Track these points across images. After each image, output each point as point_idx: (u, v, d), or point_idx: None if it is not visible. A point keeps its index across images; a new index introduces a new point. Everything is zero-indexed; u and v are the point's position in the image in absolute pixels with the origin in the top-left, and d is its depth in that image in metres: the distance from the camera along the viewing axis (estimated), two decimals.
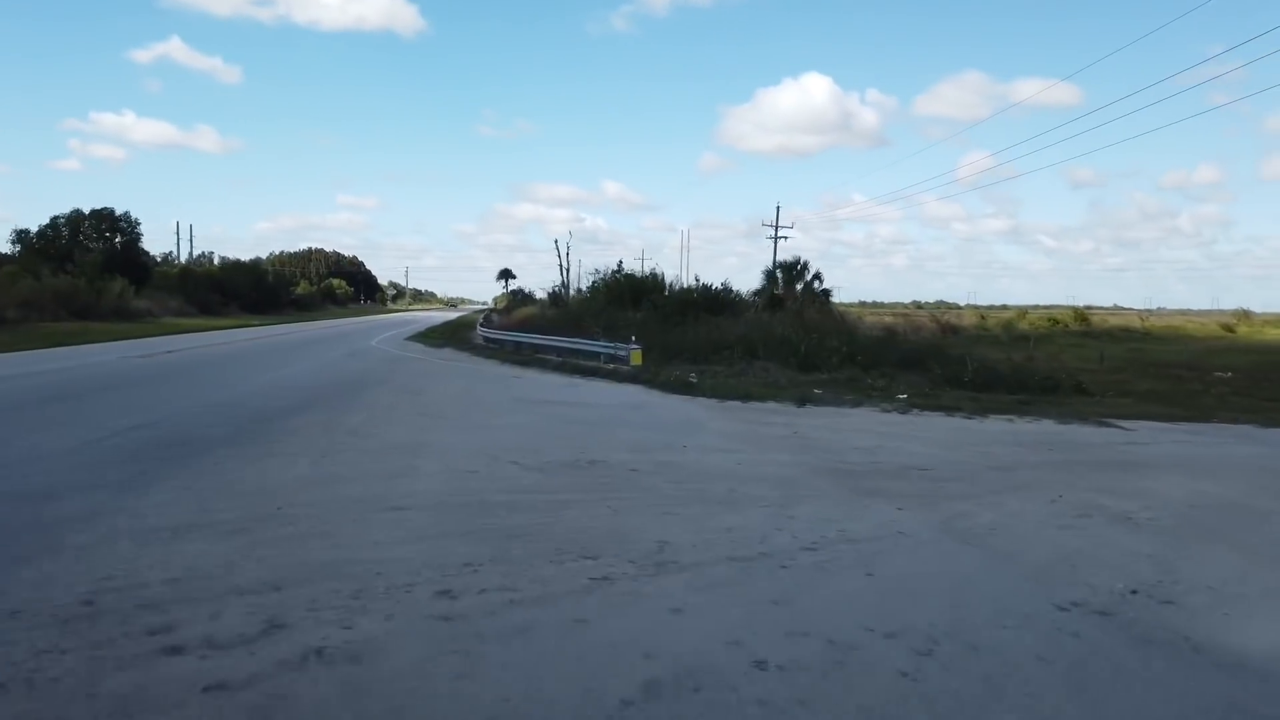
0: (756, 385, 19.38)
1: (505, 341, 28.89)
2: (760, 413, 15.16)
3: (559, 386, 18.08)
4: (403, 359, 23.35)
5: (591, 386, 18.44)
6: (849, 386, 19.77)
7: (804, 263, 43.66)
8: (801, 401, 16.63)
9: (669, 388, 18.22)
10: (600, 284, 44.13)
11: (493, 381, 18.19)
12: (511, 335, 28.92)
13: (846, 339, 27.18)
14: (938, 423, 14.54)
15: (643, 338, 28.15)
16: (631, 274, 43.55)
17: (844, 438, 12.50)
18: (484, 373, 20.03)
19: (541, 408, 14.48)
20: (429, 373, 19.64)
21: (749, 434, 12.58)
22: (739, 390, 18.01)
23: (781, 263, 44.39)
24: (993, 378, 21.11)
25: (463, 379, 18.51)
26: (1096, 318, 67.81)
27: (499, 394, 15.98)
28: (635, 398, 16.74)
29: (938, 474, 9.91)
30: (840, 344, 25.95)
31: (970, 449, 11.78)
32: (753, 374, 21.43)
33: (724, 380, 19.90)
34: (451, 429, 11.48)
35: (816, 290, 42.81)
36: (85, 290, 54.76)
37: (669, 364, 24.40)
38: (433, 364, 22.06)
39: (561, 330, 34.04)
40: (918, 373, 22.30)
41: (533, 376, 19.92)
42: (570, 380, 19.40)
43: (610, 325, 33.21)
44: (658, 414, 14.47)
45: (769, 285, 44.42)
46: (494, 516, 6.86)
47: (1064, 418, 15.17)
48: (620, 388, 18.41)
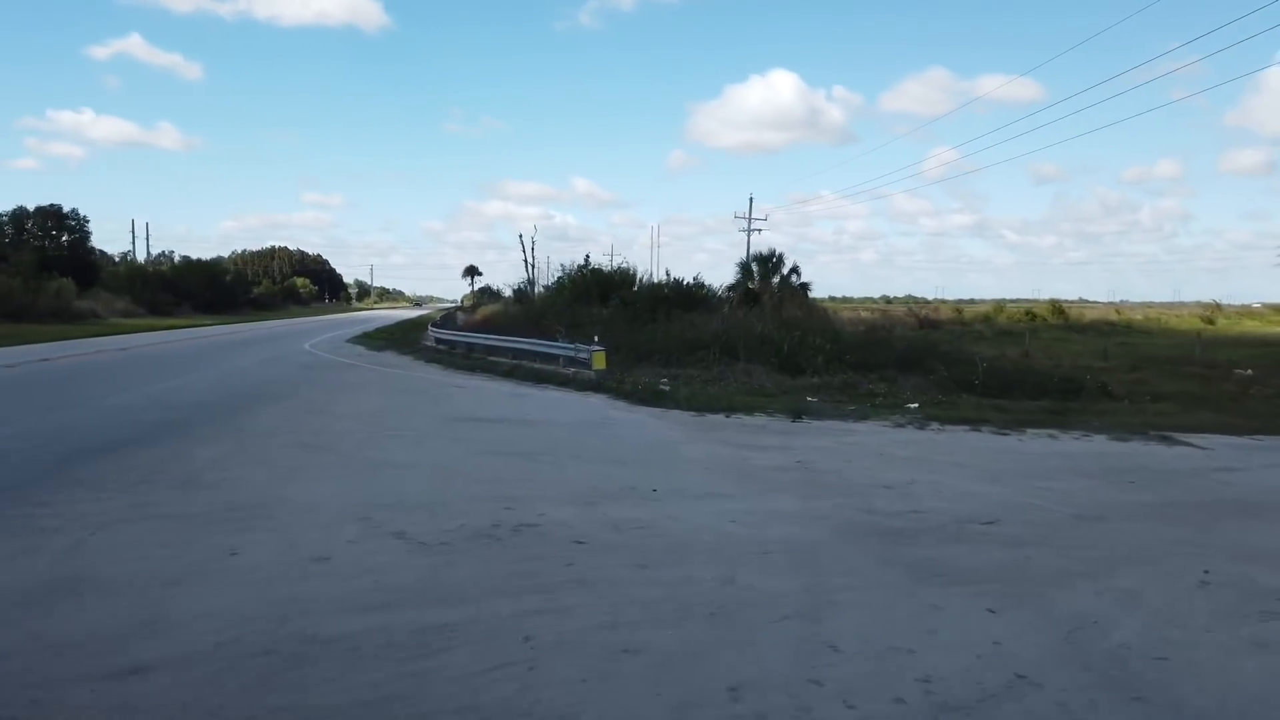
0: (739, 393, 16.41)
1: (457, 343, 25.75)
2: (748, 430, 12.18)
3: (505, 398, 14.99)
4: (329, 365, 20.19)
5: (544, 398, 15.36)
6: (846, 393, 16.85)
7: (780, 255, 40.73)
8: (795, 414, 13.67)
9: (637, 397, 15.19)
10: (565, 280, 40.93)
11: (424, 394, 15.10)
12: (463, 336, 25.77)
13: (832, 337, 24.28)
14: (967, 441, 11.63)
15: (609, 337, 25.08)
16: (599, 269, 40.34)
17: (862, 468, 9.53)
18: (418, 382, 16.97)
19: (476, 430, 11.39)
20: (351, 384, 16.51)
21: (739, 465, 9.58)
22: (720, 400, 15.02)
23: (756, 255, 41.46)
24: (1005, 380, 18.29)
25: (388, 391, 15.45)
26: (1073, 311, 65.68)
27: (425, 412, 12.88)
28: (595, 412, 13.68)
29: (1009, 530, 6.96)
30: (825, 342, 23.10)
31: (1028, 484, 8.84)
32: (733, 378, 18.46)
33: (701, 387, 16.90)
34: (333, 471, 8.35)
35: (794, 284, 39.93)
36: (20, 290, 50.90)
37: (638, 367, 21.38)
38: (362, 372, 18.92)
39: (521, 330, 30.93)
40: (918, 375, 19.44)
41: (477, 385, 16.80)
42: (520, 390, 16.31)
43: (575, 323, 30.12)
44: (622, 435, 11.44)
45: (743, 279, 41.48)
46: (301, 688, 3.73)
47: (1113, 431, 12.32)
48: (579, 398, 15.35)
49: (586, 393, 16.11)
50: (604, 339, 24.30)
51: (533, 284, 54.17)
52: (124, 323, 52.51)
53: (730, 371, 18.99)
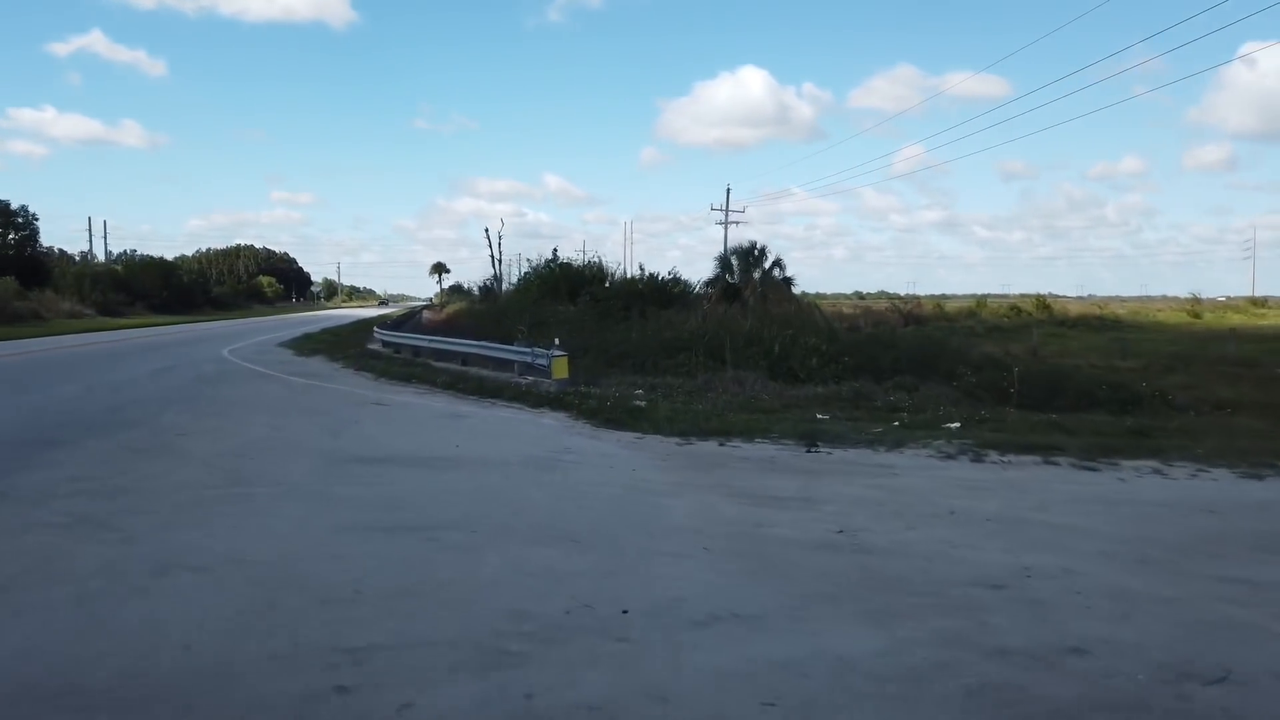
0: (731, 408, 13.11)
1: (403, 346, 22.28)
2: (753, 468, 8.87)
3: (435, 422, 11.56)
4: (234, 375, 16.47)
5: (487, 419, 11.95)
6: (860, 407, 13.60)
7: (763, 248, 37.48)
8: (809, 440, 10.38)
9: (605, 416, 11.83)
10: (532, 275, 37.42)
11: (328, 417, 11.50)
12: (409, 339, 22.29)
13: (827, 336, 21.04)
14: (1052, 483, 8.37)
15: (577, 338, 21.69)
16: (568, 263, 36.75)
17: (936, 540, 6.23)
18: (330, 399, 13.36)
19: (370, 479, 7.93)
20: (242, 402, 12.84)
21: (752, 537, 6.26)
22: (709, 419, 11.71)
23: (737, 248, 38.23)
24: (1043, 387, 15.15)
25: (281, 414, 11.82)
26: (1057, 306, 63.05)
27: (314, 447, 9.24)
28: (549, 440, 10.30)
29: (1265, 698, 3.72)
30: (820, 342, 19.91)
31: (1206, 570, 5.59)
32: (721, 388, 15.14)
33: (684, 401, 13.57)
34: (56, 593, 4.67)
35: (778, 279, 36.72)
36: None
37: (609, 372, 18.04)
38: (269, 385, 15.23)
39: (481, 330, 27.47)
40: (937, 381, 16.26)
41: (404, 403, 13.34)
42: (459, 407, 12.87)
43: (540, 322, 26.71)
44: (579, 483, 8.04)
45: (723, 273, 38.25)
46: None
47: (1231, 462, 9.14)
48: (531, 419, 11.96)
49: (542, 410, 12.72)
50: (571, 340, 20.92)
51: (499, 281, 50.64)
52: (63, 324, 48.56)
53: (717, 379, 15.67)
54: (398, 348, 22.62)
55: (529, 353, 16.12)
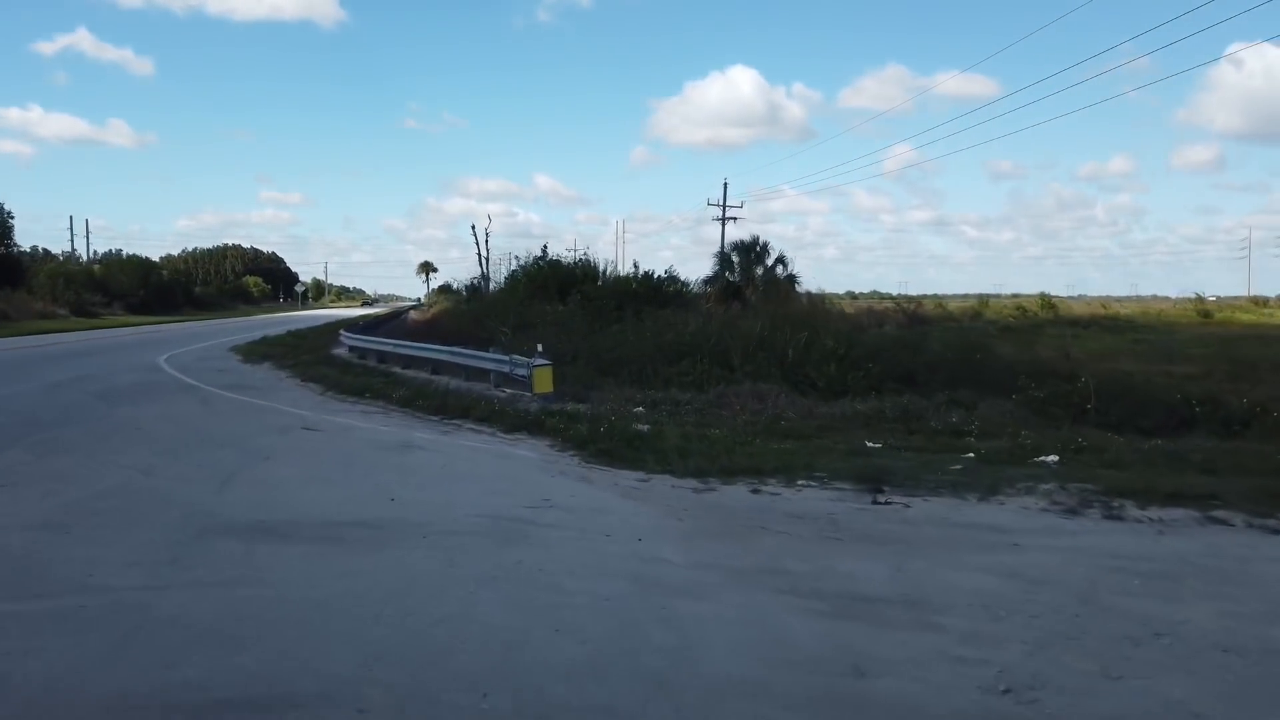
0: (755, 431, 10.34)
1: (369, 351, 19.47)
2: (812, 537, 6.07)
3: (376, 455, 8.72)
4: (151, 389, 13.33)
5: (445, 451, 9.12)
6: (911, 427, 10.89)
7: (765, 244, 34.80)
8: (871, 483, 7.63)
9: (598, 447, 9.01)
10: (519, 273, 34.37)
11: (232, 450, 8.33)
12: (377, 343, 19.45)
13: (846, 339, 18.25)
14: (1257, 563, 5.64)
15: (566, 340, 18.92)
16: (558, 260, 33.64)
17: (1155, 694, 3.50)
18: (250, 422, 10.30)
19: (236, 565, 5.07)
20: (133, 425, 9.93)
21: (851, 701, 3.52)
22: (732, 450, 8.93)
23: (737, 244, 35.51)
24: (1125, 403, 12.43)
25: (172, 446, 8.89)
26: (1062, 306, 60.44)
27: (187, 500, 6.35)
28: (522, 487, 7.48)
29: None
30: (839, 346, 17.20)
31: None
32: (738, 403, 12.38)
33: (697, 423, 10.79)
34: None
35: (781, 277, 34.00)
36: None
37: (602, 382, 15.28)
38: (182, 402, 12.09)
39: (460, 333, 24.65)
40: (992, 394, 13.51)
41: (347, 426, 10.48)
42: (412, 433, 10.02)
43: (525, 323, 23.94)
44: (558, 579, 5.13)
45: (723, 271, 35.51)
46: None
47: None
48: (502, 452, 9.13)
49: (518, 436, 9.91)
50: (560, 343, 18.15)
51: (486, 279, 47.71)
52: (30, 324, 45.66)
53: (732, 393, 12.89)
54: (364, 353, 19.81)
55: (506, 361, 13.33)
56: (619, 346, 17.87)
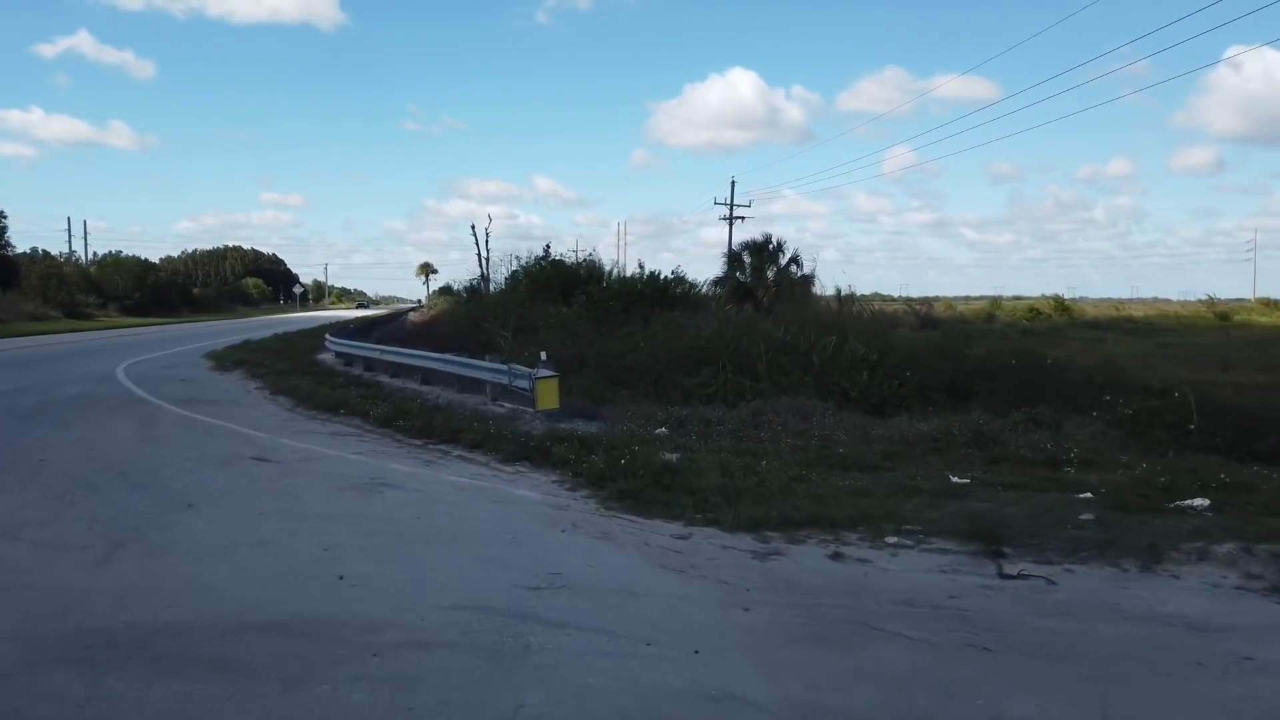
0: (811, 462, 8.35)
1: (355, 358, 17.50)
2: (948, 652, 4.08)
3: (333, 498, 6.71)
4: (89, 403, 11.23)
5: (424, 492, 7.09)
6: (995, 455, 8.90)
7: (779, 242, 32.82)
8: (986, 541, 5.68)
9: (618, 486, 7.03)
10: (520, 274, 32.15)
11: (150, 489, 6.27)
12: (363, 348, 17.47)
13: (880, 344, 16.22)
14: None
15: (571, 345, 16.94)
16: (560, 260, 31.47)
17: None
18: (192, 448, 8.40)
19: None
20: (37, 454, 7.92)
21: None
22: (791, 491, 6.95)
23: (749, 243, 33.51)
24: (1237, 426, 10.44)
25: (66, 488, 6.75)
26: (1075, 308, 58.39)
27: (42, 587, 4.48)
28: (522, 552, 5.49)
29: None
30: (870, 352, 15.26)
31: None
32: (778, 421, 10.37)
33: (733, 448, 8.78)
34: None
35: (795, 277, 32.03)
36: None
37: (613, 396, 13.35)
38: (117, 422, 9.94)
39: (458, 336, 22.66)
40: (1063, 409, 11.51)
41: (307, 454, 8.43)
42: (387, 464, 7.99)
43: (527, 325, 21.95)
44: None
45: (733, 271, 33.53)
46: None
47: None
48: (498, 492, 7.12)
49: (518, 469, 7.93)
50: (565, 348, 16.18)
51: (486, 280, 45.67)
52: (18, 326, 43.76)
53: (770, 409, 10.88)
54: (350, 359, 17.83)
55: (505, 371, 11.35)
56: (631, 353, 15.89)
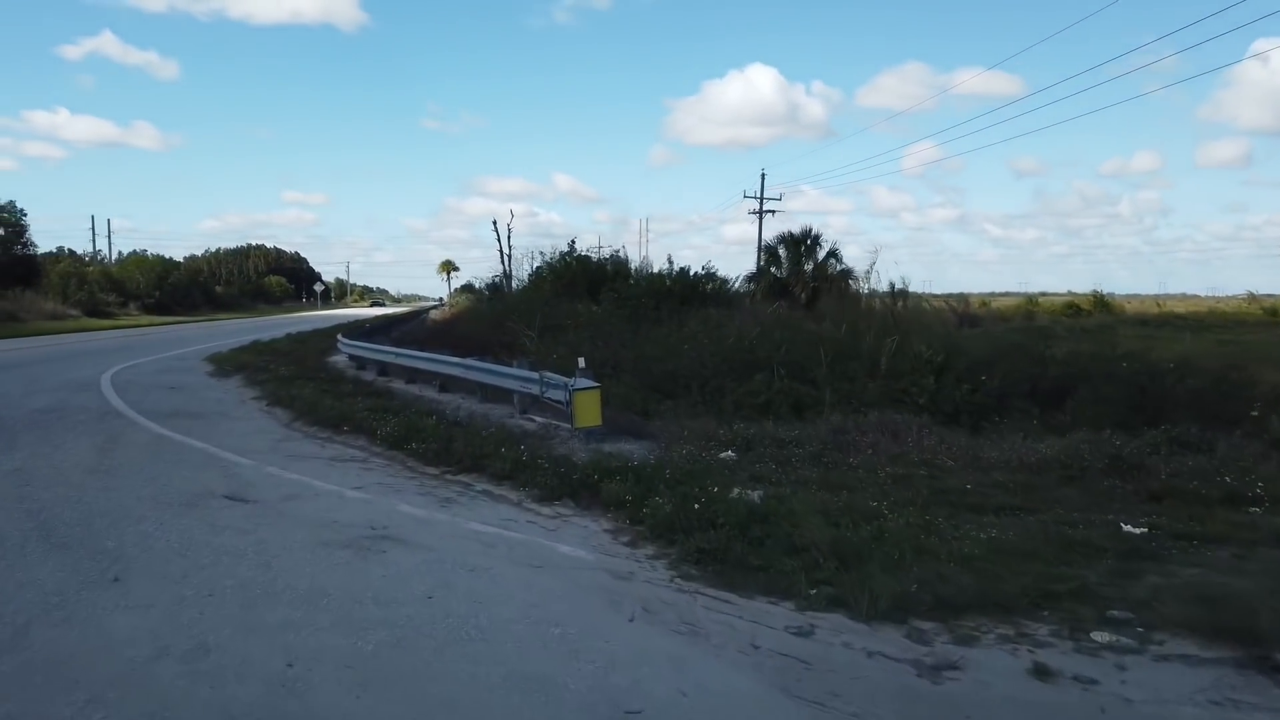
0: (924, 498, 6.54)
1: (369, 362, 15.82)
2: None
3: (317, 570, 4.90)
4: (34, 424, 9.16)
5: (436, 559, 5.19)
6: (1144, 482, 7.05)
7: (816, 235, 30.90)
8: (1239, 639, 3.86)
9: (692, 544, 5.23)
10: (545, 270, 30.26)
11: (72, 550, 4.78)
12: (377, 351, 15.76)
13: (944, 345, 14.28)
14: None
15: (603, 347, 15.17)
16: (586, 256, 29.55)
17: None
18: (150, 483, 6.49)
19: None
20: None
21: None
22: (923, 551, 5.16)
23: (785, 236, 31.57)
24: None
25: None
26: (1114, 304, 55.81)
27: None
28: (574, 678, 3.67)
29: None
30: (934, 353, 13.44)
31: None
32: (864, 441, 8.54)
33: (821, 480, 6.96)
34: None
35: (834, 272, 30.09)
36: None
37: (658, 407, 11.63)
38: (65, 446, 8.02)
39: (479, 336, 20.95)
40: (1201, 425, 9.59)
41: (293, 488, 6.69)
42: (393, 504, 6.20)
43: (554, 325, 20.22)
44: None
45: (767, 266, 31.64)
46: None
47: None
48: (534, 554, 5.27)
49: (559, 512, 6.15)
50: (596, 351, 14.45)
51: (509, 277, 43.98)
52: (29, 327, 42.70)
53: (855, 426, 9.03)
54: (362, 362, 16.16)
55: (536, 380, 9.60)
56: (670, 356, 14.08)
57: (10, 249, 63.16)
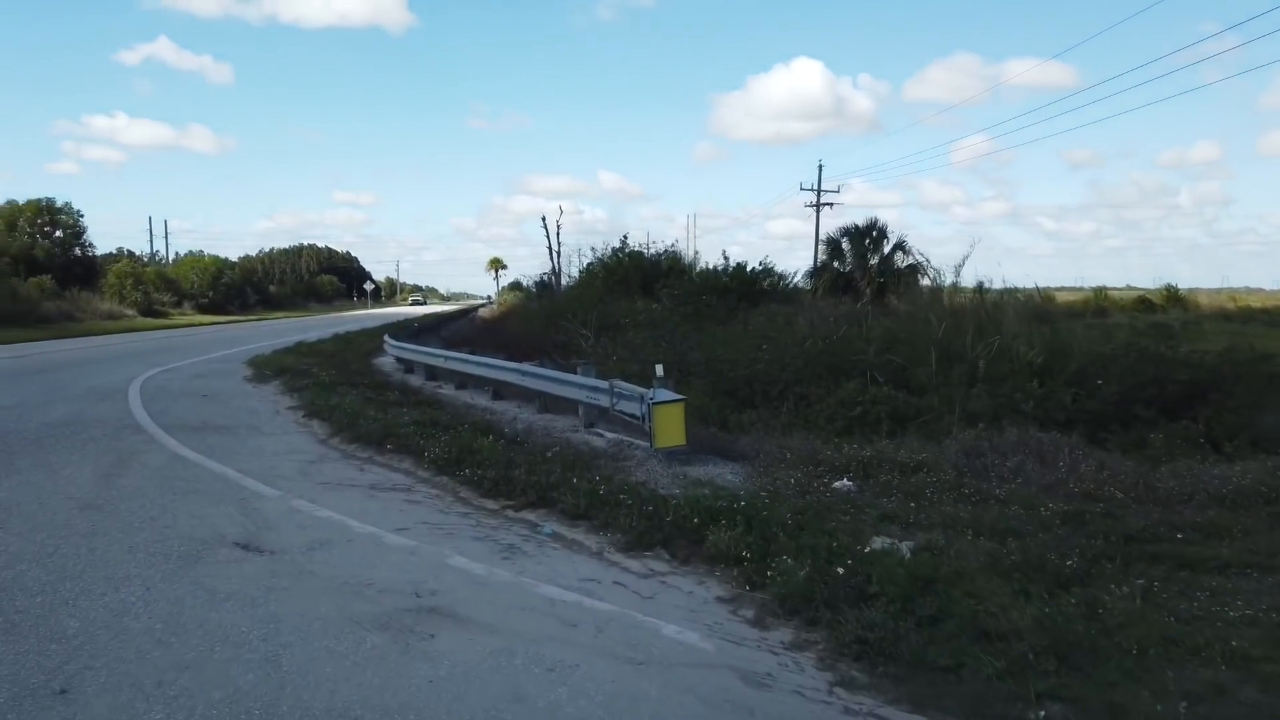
0: (1113, 546, 5.05)
1: (416, 364, 14.64)
2: None
3: (337, 667, 3.70)
4: (41, 440, 8.01)
5: (498, 647, 3.85)
6: None
7: (882, 227, 29.20)
8: None
9: (849, 632, 3.84)
10: (597, 266, 28.83)
11: (31, 637, 3.74)
12: (423, 354, 14.51)
13: (1047, 345, 12.57)
14: None
15: (668, 350, 13.82)
16: (639, 251, 28.07)
17: None
18: (135, 533, 5.05)
19: None
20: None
21: None
22: (1169, 657, 3.70)
23: (848, 229, 29.87)
24: None
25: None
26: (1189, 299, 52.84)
27: None
28: None
29: None
30: (1038, 354, 11.88)
31: None
32: (1006, 462, 7.05)
33: (997, 537, 5.49)
34: None
35: (901, 266, 28.36)
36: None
37: (738, 417, 10.27)
38: (65, 470, 6.83)
39: (530, 336, 19.74)
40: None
41: (323, 534, 5.36)
42: (441, 565, 4.87)
43: (611, 324, 18.96)
44: None
45: (830, 260, 29.94)
46: None
47: None
48: (630, 636, 3.90)
49: (652, 569, 4.79)
50: (656, 352, 13.14)
51: (557, 274, 42.84)
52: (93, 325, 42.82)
53: (989, 444, 7.52)
54: (410, 365, 14.99)
55: (605, 389, 8.25)
56: (745, 359, 12.62)
57: (69, 250, 64.00)
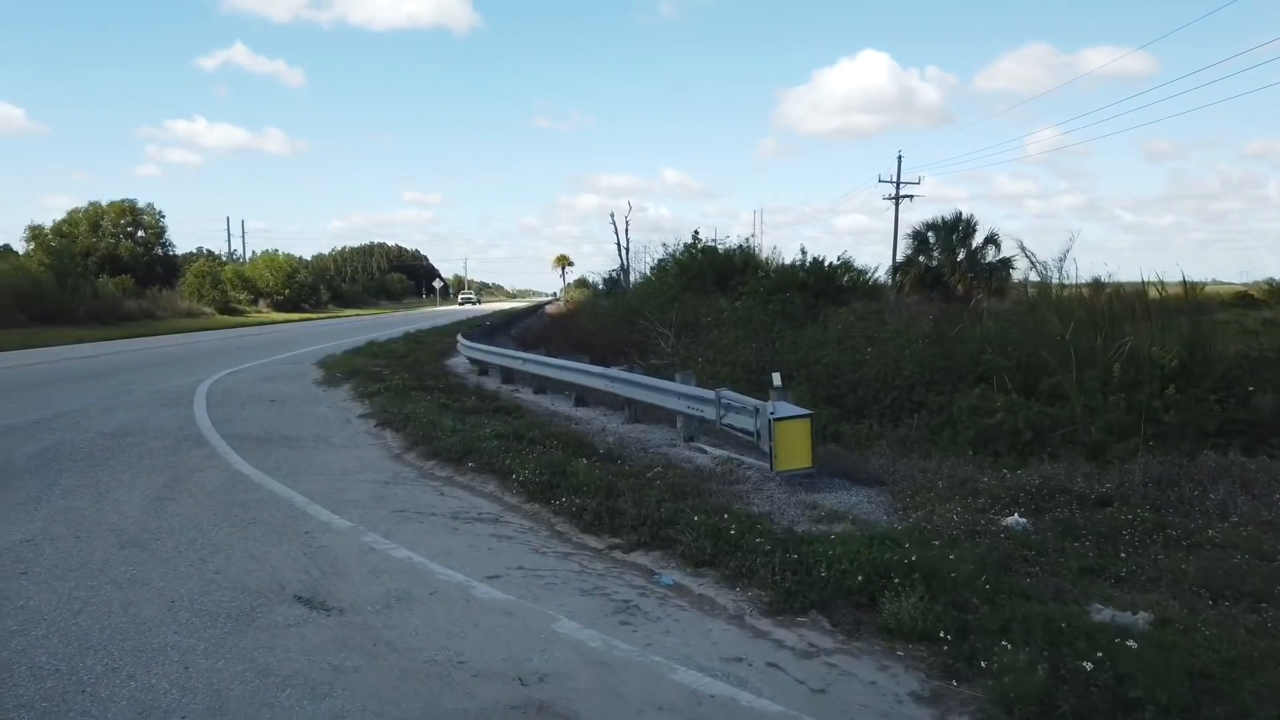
0: None
1: (492, 366, 13.80)
2: None
3: None
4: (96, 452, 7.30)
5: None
6: None
7: (970, 220, 27.55)
8: None
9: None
10: (670, 262, 27.69)
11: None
12: (499, 356, 13.64)
13: (1186, 346, 11.03)
14: None
15: (753, 349, 12.74)
16: (713, 246, 26.83)
17: None
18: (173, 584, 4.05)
19: None
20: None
21: None
22: None
23: (935, 222, 28.31)
24: None
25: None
26: None
27: None
28: None
29: None
30: (1171, 355, 10.35)
31: None
32: (1201, 492, 5.83)
33: (1234, 598, 4.32)
34: None
35: (989, 261, 26.70)
36: (53, 289, 42.03)
37: (846, 430, 9.14)
38: (113, 491, 6.02)
39: (604, 336, 18.82)
40: None
41: (401, 584, 4.36)
42: (548, 633, 3.84)
43: (691, 322, 17.93)
44: None
45: (916, 255, 28.43)
46: None
47: None
48: None
49: (811, 643, 3.76)
50: (748, 354, 12.12)
51: (626, 271, 41.96)
52: (172, 323, 43.66)
53: (1181, 472, 6.28)
54: (485, 367, 14.17)
55: (711, 399, 7.22)
56: (849, 361, 11.42)
57: (151, 250, 65.68)
